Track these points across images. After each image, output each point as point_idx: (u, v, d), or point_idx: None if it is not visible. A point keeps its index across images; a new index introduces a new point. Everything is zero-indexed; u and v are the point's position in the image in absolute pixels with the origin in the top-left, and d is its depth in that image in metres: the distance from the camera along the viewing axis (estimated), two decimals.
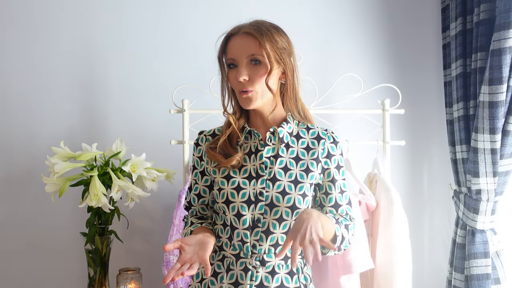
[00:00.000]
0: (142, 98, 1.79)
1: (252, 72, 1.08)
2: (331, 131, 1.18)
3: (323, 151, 1.14)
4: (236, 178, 1.12)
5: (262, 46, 1.06)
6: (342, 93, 1.70)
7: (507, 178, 1.44)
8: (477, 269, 1.47)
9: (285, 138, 1.14)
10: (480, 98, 1.41)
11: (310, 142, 1.15)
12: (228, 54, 1.11)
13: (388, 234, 1.44)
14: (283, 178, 1.10)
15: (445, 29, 1.74)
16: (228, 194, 1.11)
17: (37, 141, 1.74)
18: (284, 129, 1.14)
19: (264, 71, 1.07)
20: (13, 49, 1.76)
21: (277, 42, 1.09)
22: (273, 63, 1.07)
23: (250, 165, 1.13)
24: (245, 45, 1.08)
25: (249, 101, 1.09)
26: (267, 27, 1.10)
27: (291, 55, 1.13)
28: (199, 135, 1.22)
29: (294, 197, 1.09)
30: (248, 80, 1.08)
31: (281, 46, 1.10)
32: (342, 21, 1.82)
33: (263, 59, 1.07)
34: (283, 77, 1.13)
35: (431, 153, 1.85)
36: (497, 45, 1.34)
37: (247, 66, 1.08)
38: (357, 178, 1.54)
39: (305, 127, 1.18)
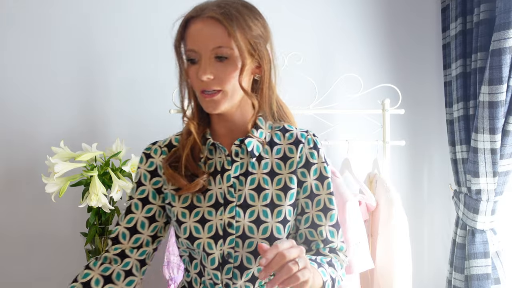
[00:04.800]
0: (142, 98, 1.79)
1: (218, 69, 0.86)
2: (312, 133, 0.97)
3: (300, 159, 0.93)
4: (200, 207, 0.91)
5: (232, 36, 0.84)
6: (342, 93, 1.70)
7: (507, 178, 1.45)
8: (477, 269, 1.47)
9: (255, 150, 0.93)
10: (480, 98, 1.41)
11: (286, 148, 0.94)
12: (187, 43, 0.88)
13: (388, 234, 1.44)
14: (256, 202, 0.90)
15: (445, 29, 1.74)
16: (191, 229, 0.90)
17: (37, 141, 1.74)
18: (253, 139, 0.93)
19: (233, 67, 0.86)
20: (13, 49, 1.76)
21: (251, 29, 0.86)
22: (245, 57, 0.86)
23: (216, 189, 0.91)
24: (210, 35, 0.85)
25: (214, 105, 0.88)
26: (237, 8, 0.86)
27: (268, 42, 0.91)
28: (150, 145, 1.01)
29: (272, 226, 0.88)
30: (214, 79, 0.86)
31: (256, 34, 0.88)
32: (342, 21, 1.82)
33: (232, 53, 0.85)
34: (257, 71, 0.92)
35: (431, 153, 1.85)
36: (497, 45, 1.34)
37: (212, 61, 0.86)
38: (357, 178, 1.54)
39: (280, 129, 0.97)
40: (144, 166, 0.98)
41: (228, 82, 0.87)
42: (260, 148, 0.94)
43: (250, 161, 0.92)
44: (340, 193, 1.40)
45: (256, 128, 0.95)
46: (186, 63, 0.91)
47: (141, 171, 0.98)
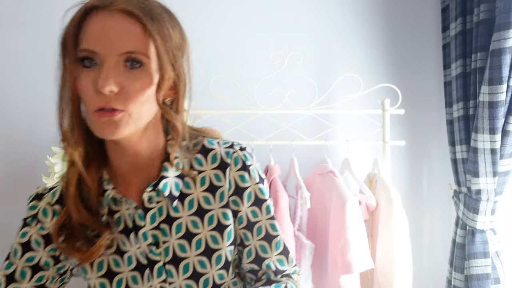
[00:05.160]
0: None
1: (126, 80, 0.65)
2: (239, 147, 0.78)
3: (229, 186, 0.75)
4: (121, 273, 0.74)
5: (152, 40, 0.65)
6: (342, 93, 1.70)
7: (507, 178, 1.45)
8: (477, 269, 1.47)
9: (174, 191, 0.74)
10: (480, 98, 1.41)
11: (212, 176, 0.75)
12: (83, 40, 0.65)
13: (388, 234, 1.44)
14: (188, 252, 0.73)
15: (445, 29, 1.74)
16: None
17: (37, 141, 1.74)
18: (169, 177, 0.73)
19: (147, 81, 0.66)
20: (14, 49, 1.76)
21: (171, 37, 0.68)
22: (166, 69, 0.67)
23: (134, 249, 0.74)
24: (121, 34, 0.64)
25: (116, 128, 0.65)
26: (157, 8, 0.68)
27: (186, 56, 0.73)
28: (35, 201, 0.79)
29: (213, 276, 0.74)
30: (118, 93, 0.64)
31: (176, 44, 0.69)
32: (342, 21, 1.82)
33: (147, 61, 0.66)
34: (170, 93, 0.72)
35: (431, 153, 1.85)
36: (497, 45, 1.34)
37: (120, 69, 0.65)
38: (357, 178, 1.54)
39: (200, 150, 0.77)
40: (34, 229, 0.77)
41: (136, 100, 0.65)
42: (180, 185, 0.74)
43: (171, 204, 0.74)
44: (340, 193, 1.40)
45: (169, 160, 0.74)
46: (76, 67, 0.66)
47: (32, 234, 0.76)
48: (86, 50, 0.65)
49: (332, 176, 1.49)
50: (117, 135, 0.66)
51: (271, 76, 1.59)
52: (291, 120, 1.64)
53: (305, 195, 1.43)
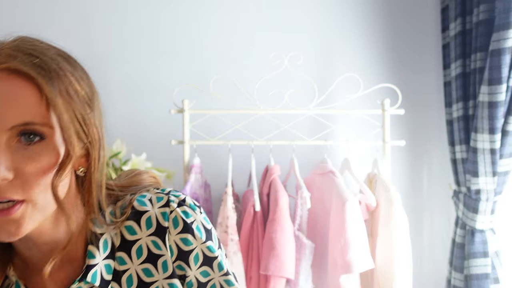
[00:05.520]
0: (142, 98, 1.79)
1: (22, 161, 0.51)
2: (177, 203, 0.64)
3: (170, 252, 0.63)
4: None
5: (51, 107, 0.52)
6: (342, 93, 1.70)
7: (506, 178, 1.45)
8: (476, 269, 1.47)
9: (106, 275, 0.62)
10: (479, 98, 1.41)
11: (150, 244, 0.63)
12: None
13: (388, 233, 1.44)
14: None
15: (444, 29, 1.74)
16: None
17: None
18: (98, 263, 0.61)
19: (50, 158, 0.53)
20: None
21: (77, 93, 0.55)
22: (73, 142, 0.54)
23: None
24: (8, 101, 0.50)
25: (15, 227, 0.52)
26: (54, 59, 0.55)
27: (96, 111, 0.60)
28: None
29: None
30: (13, 179, 0.50)
31: (85, 100, 0.57)
32: (342, 21, 1.82)
33: (50, 132, 0.52)
34: (82, 162, 0.59)
35: (431, 153, 1.85)
36: (497, 45, 1.34)
37: (11, 148, 0.51)
38: (356, 178, 1.55)
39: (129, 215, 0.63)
40: None
41: (38, 185, 0.52)
42: (113, 265, 0.62)
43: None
44: (340, 193, 1.41)
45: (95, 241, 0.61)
46: None
47: None
48: None
49: (332, 176, 1.49)
50: (19, 236, 0.52)
51: (271, 76, 1.59)
52: (291, 120, 1.64)
53: (305, 195, 1.44)
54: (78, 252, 0.61)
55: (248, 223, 1.48)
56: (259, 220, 1.48)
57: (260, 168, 1.65)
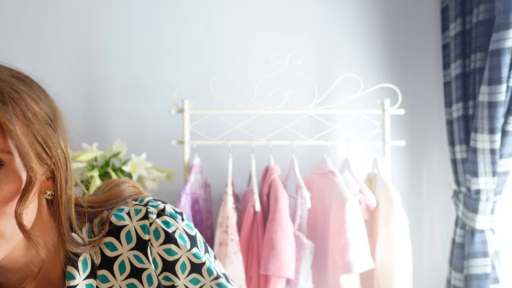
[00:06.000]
0: (142, 98, 1.79)
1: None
2: (156, 214, 0.62)
3: (154, 265, 0.61)
4: None
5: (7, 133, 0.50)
6: (342, 93, 1.70)
7: (506, 178, 1.45)
8: (476, 269, 1.48)
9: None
10: (479, 98, 1.41)
11: (132, 258, 0.61)
12: None
13: (388, 233, 1.44)
14: None
15: (444, 29, 1.75)
16: None
17: None
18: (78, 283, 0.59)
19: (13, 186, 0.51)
20: (14, 49, 1.76)
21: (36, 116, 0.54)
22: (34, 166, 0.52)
23: None
24: None
25: None
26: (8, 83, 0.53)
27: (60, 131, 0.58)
28: None
29: None
30: None
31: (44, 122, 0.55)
32: (342, 21, 1.82)
33: (9, 159, 0.51)
34: (49, 185, 0.57)
35: (431, 153, 1.85)
36: (496, 45, 1.34)
37: None
38: (356, 178, 1.55)
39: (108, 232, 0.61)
40: None
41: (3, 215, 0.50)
42: (95, 284, 0.60)
43: None
44: (340, 193, 1.41)
45: (73, 262, 0.59)
46: None
47: None
48: None
49: (332, 176, 1.49)
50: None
51: (271, 76, 1.59)
52: (291, 120, 1.64)
53: (305, 195, 1.44)
54: (56, 273, 0.60)
55: (248, 223, 1.48)
56: (259, 220, 1.48)
57: (260, 168, 1.66)
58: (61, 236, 0.58)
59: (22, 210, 0.51)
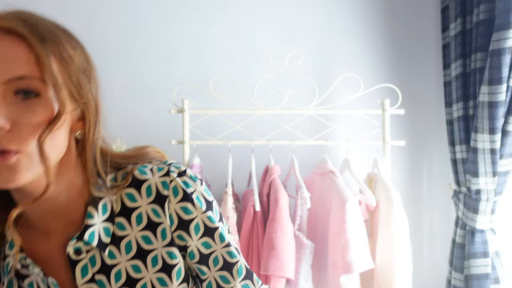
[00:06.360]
0: (142, 98, 1.79)
1: (19, 114, 0.54)
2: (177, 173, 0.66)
3: (170, 221, 0.64)
4: None
5: (44, 63, 0.55)
6: (342, 93, 1.70)
7: (506, 178, 1.45)
8: (476, 269, 1.47)
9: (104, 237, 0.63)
10: (479, 98, 1.41)
11: (150, 211, 0.65)
12: None
13: (388, 233, 1.44)
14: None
15: (444, 29, 1.74)
16: None
17: None
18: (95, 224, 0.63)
19: (46, 113, 0.56)
20: None
21: (72, 59, 0.59)
22: (65, 100, 0.57)
23: None
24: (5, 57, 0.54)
25: (11, 174, 0.54)
26: (49, 27, 0.59)
27: (93, 81, 0.64)
28: None
29: None
30: (10, 130, 0.54)
31: (79, 67, 0.60)
32: (342, 21, 1.82)
33: (44, 88, 0.55)
34: (79, 126, 0.62)
35: (431, 153, 1.85)
36: (497, 45, 1.34)
37: (8, 101, 0.54)
38: (356, 178, 1.55)
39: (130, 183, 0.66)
40: None
41: (33, 138, 0.54)
42: (111, 228, 0.64)
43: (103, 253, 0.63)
44: (340, 193, 1.41)
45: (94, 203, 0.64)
46: None
47: None
48: None
49: (332, 176, 1.49)
50: (16, 182, 0.54)
51: (271, 76, 1.59)
52: (291, 120, 1.64)
53: (305, 195, 1.44)
54: (78, 212, 0.64)
55: (248, 223, 1.48)
56: (259, 220, 1.48)
57: (260, 168, 1.65)
58: (86, 177, 0.64)
59: (46, 136, 0.55)
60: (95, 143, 0.64)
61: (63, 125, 0.58)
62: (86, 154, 0.62)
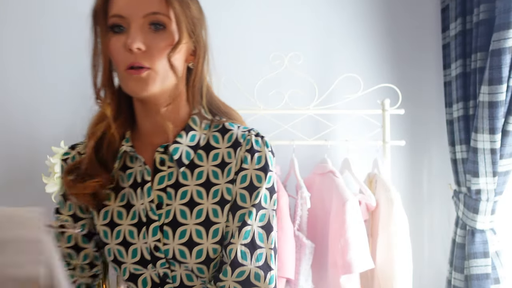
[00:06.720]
0: None
1: (151, 40, 0.73)
2: (255, 133, 0.80)
3: (235, 163, 0.77)
4: (121, 225, 0.78)
5: (170, 5, 0.73)
6: (342, 93, 1.70)
7: (506, 178, 1.45)
8: (476, 269, 1.47)
9: (184, 158, 0.78)
10: (479, 98, 1.41)
11: (225, 153, 0.79)
12: (112, 7, 0.76)
13: (388, 234, 1.44)
14: (188, 219, 0.75)
15: (444, 29, 1.74)
16: (115, 253, 0.78)
17: (37, 141, 1.74)
18: (182, 144, 0.78)
19: (169, 42, 0.74)
20: (13, 49, 1.76)
21: (189, 7, 0.77)
22: (183, 32, 0.74)
23: (138, 205, 0.78)
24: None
25: (143, 84, 0.73)
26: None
27: (204, 28, 0.82)
28: (69, 149, 0.90)
29: (207, 248, 0.74)
30: (145, 52, 0.72)
31: (194, 14, 0.79)
32: (342, 21, 1.82)
33: (169, 23, 0.74)
34: (191, 59, 0.80)
35: (431, 153, 1.85)
36: (497, 45, 1.34)
37: (145, 30, 0.73)
38: (357, 178, 1.55)
39: (219, 129, 0.81)
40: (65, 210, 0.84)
41: (160, 59, 0.73)
42: (192, 155, 0.78)
43: (181, 171, 0.77)
44: (340, 193, 1.41)
45: (187, 130, 0.79)
46: (108, 33, 0.76)
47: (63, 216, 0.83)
48: (115, 15, 0.74)
49: (332, 176, 1.49)
50: (146, 91, 0.73)
51: (271, 76, 1.59)
52: (291, 120, 1.64)
53: (305, 195, 1.44)
54: (173, 135, 0.79)
55: None
56: None
57: None
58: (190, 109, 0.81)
59: (172, 54, 0.73)
60: (203, 78, 0.80)
61: (181, 52, 0.75)
62: (195, 85, 0.79)
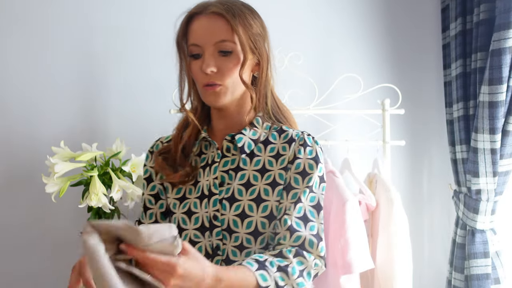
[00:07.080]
0: (142, 98, 1.79)
1: (221, 63, 0.91)
2: (307, 134, 0.99)
3: (290, 156, 0.95)
4: (189, 199, 0.97)
5: (234, 31, 0.90)
6: (342, 93, 1.70)
7: (507, 178, 1.45)
8: (477, 269, 1.47)
9: (246, 147, 0.97)
10: (480, 98, 1.41)
11: (280, 147, 0.97)
12: (190, 38, 0.94)
13: (388, 234, 1.44)
14: (243, 196, 0.92)
15: (445, 29, 1.74)
16: (179, 221, 0.96)
17: (37, 141, 1.74)
18: (245, 135, 0.97)
19: (235, 62, 0.92)
20: (13, 49, 1.76)
21: (251, 26, 0.93)
22: (247, 52, 0.91)
23: (203, 181, 0.97)
24: (213, 29, 0.91)
25: (217, 98, 0.93)
26: (239, 7, 0.93)
27: (266, 41, 0.97)
28: (155, 141, 1.10)
29: (256, 221, 0.91)
30: (216, 73, 0.91)
31: (256, 32, 0.94)
32: (342, 21, 1.82)
33: (235, 47, 0.91)
34: (256, 69, 0.98)
35: (431, 153, 1.85)
36: (497, 45, 1.34)
37: (216, 55, 0.91)
38: (357, 178, 1.55)
39: (277, 130, 1.01)
40: (149, 164, 1.05)
41: (228, 77, 0.92)
42: (252, 146, 0.97)
43: (242, 158, 0.96)
44: (340, 193, 1.40)
45: (251, 127, 0.98)
46: (188, 58, 0.95)
47: (148, 168, 1.05)
48: (192, 44, 0.93)
49: (332, 176, 1.49)
50: (219, 103, 0.93)
51: None
52: None
53: None
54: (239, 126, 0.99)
55: None
56: None
57: None
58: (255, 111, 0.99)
59: (242, 72, 0.92)
60: (267, 84, 0.98)
61: (247, 67, 0.94)
62: (260, 91, 0.97)
